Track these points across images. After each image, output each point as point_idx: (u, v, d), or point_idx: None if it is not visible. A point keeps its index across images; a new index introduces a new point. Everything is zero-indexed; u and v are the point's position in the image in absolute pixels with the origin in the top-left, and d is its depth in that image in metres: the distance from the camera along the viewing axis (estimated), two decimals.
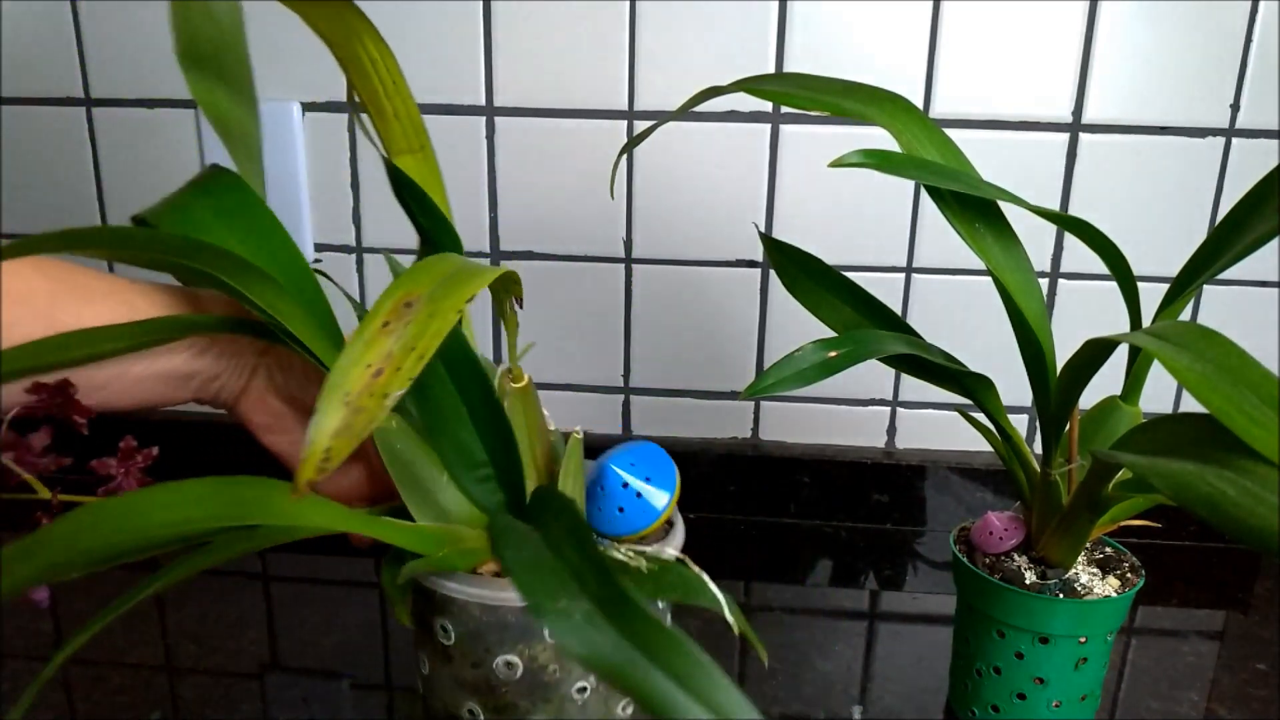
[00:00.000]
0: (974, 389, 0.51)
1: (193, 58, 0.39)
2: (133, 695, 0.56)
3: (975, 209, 0.48)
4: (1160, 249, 0.72)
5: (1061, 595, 0.48)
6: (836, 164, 0.44)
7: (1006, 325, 0.48)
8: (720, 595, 0.35)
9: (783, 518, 0.80)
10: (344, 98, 0.75)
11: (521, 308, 0.42)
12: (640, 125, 0.73)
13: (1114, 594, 0.48)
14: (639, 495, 0.45)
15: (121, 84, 0.76)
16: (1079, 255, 0.74)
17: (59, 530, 0.29)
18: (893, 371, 0.78)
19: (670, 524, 0.47)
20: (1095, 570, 0.50)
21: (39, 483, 0.38)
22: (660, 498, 0.45)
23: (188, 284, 0.41)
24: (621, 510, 0.45)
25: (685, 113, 0.49)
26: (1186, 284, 0.44)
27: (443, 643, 0.43)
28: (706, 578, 0.35)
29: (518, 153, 0.75)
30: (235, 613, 0.65)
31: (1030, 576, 0.49)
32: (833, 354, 0.46)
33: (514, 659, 0.41)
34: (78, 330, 0.34)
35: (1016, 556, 0.51)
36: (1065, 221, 0.46)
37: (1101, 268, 0.47)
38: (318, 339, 0.38)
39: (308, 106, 0.75)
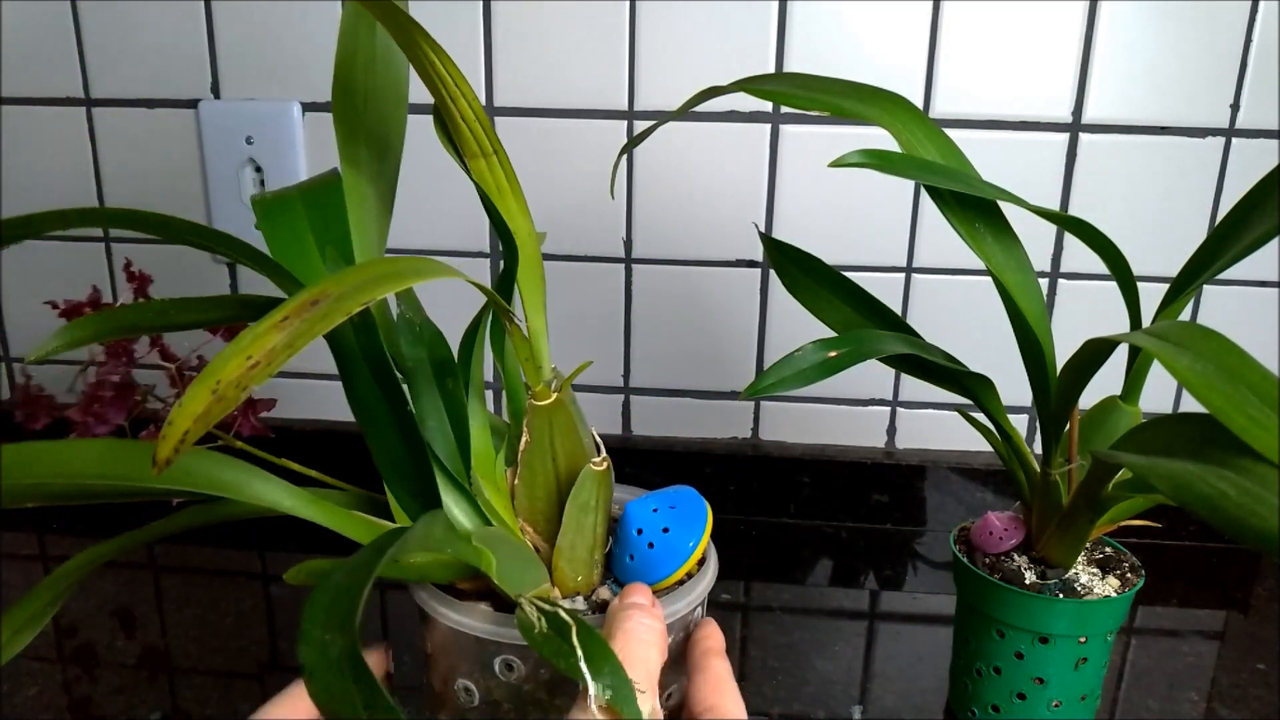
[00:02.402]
0: (974, 389, 0.51)
1: (346, 76, 0.41)
2: (133, 695, 0.56)
3: (975, 209, 0.48)
4: (1160, 249, 0.72)
5: (1061, 595, 0.48)
6: (836, 164, 0.44)
7: (1006, 325, 0.48)
8: (591, 681, 0.32)
9: (783, 518, 0.80)
10: None
11: (514, 323, 0.40)
12: (640, 125, 0.73)
13: (1114, 594, 0.48)
14: (651, 546, 0.41)
15: (121, 84, 0.76)
16: (1079, 255, 0.74)
17: None
18: (893, 371, 0.78)
19: (701, 562, 0.43)
20: (1095, 570, 0.50)
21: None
22: (679, 551, 0.41)
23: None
24: (632, 558, 0.42)
25: (685, 113, 0.49)
26: (1186, 284, 0.44)
27: (425, 650, 0.42)
28: (581, 654, 0.32)
29: (517, 153, 0.75)
30: (235, 613, 0.65)
31: (1030, 576, 0.49)
32: (833, 354, 0.46)
33: (471, 686, 0.39)
34: (180, 299, 0.38)
35: (1016, 556, 0.51)
36: (1065, 221, 0.46)
37: (1101, 268, 0.47)
38: None
39: (308, 106, 0.75)
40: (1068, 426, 0.47)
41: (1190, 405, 0.75)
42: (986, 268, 0.47)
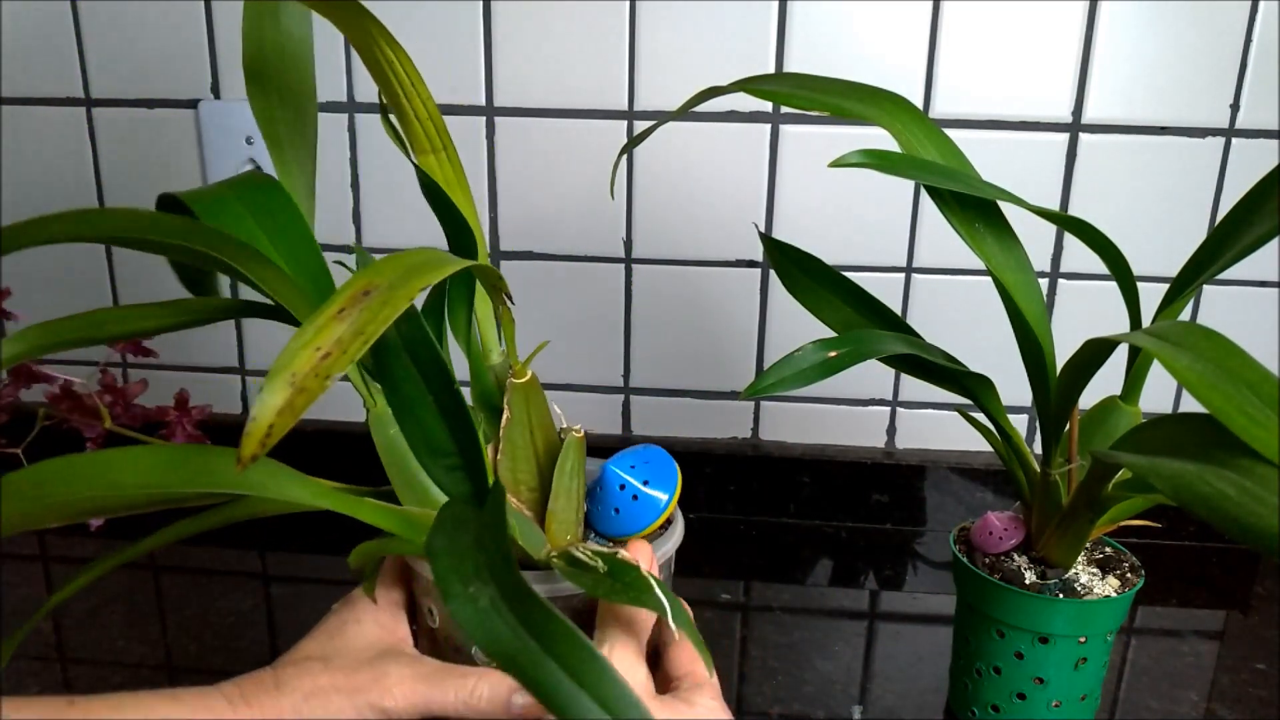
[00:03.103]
0: (974, 389, 0.51)
1: (257, 65, 0.41)
2: None
3: (975, 209, 0.48)
4: (1160, 249, 0.72)
5: (1061, 595, 0.48)
6: (836, 164, 0.44)
7: (1006, 325, 0.48)
8: (666, 602, 0.35)
9: (783, 518, 0.80)
10: (342, 97, 0.75)
11: (512, 303, 0.42)
12: (640, 125, 0.73)
13: (1114, 594, 0.48)
14: (635, 498, 0.45)
15: (121, 84, 0.76)
16: (1079, 255, 0.74)
17: (28, 478, 0.32)
18: (893, 371, 0.78)
19: (669, 522, 0.48)
20: (1095, 570, 0.50)
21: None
22: (658, 501, 0.45)
23: (194, 267, 0.42)
24: (617, 511, 0.45)
25: (685, 113, 0.49)
26: (1186, 284, 0.44)
27: (429, 625, 0.44)
28: (655, 583, 0.36)
29: (518, 153, 0.75)
30: (235, 613, 0.65)
31: (1030, 576, 0.49)
32: (833, 354, 0.46)
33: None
34: (116, 308, 0.37)
35: (1016, 556, 0.51)
36: (1065, 221, 0.46)
37: (1101, 268, 0.47)
38: None
39: None
40: (1068, 426, 0.47)
41: (1190, 405, 0.75)
42: (986, 268, 0.47)
